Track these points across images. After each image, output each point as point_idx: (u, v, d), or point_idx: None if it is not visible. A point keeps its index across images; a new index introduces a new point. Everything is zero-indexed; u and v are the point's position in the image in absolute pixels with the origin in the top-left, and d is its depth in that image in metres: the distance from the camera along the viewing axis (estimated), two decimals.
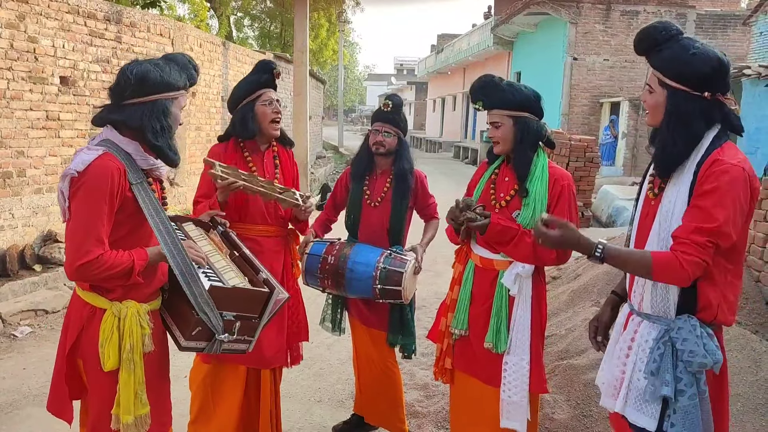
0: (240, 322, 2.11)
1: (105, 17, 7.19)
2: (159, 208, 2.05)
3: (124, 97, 2.03)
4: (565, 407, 3.44)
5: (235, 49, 11.93)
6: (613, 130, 17.18)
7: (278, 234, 3.05)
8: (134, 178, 2.02)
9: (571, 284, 5.33)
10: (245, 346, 2.21)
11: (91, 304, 2.06)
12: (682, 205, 1.88)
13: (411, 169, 3.26)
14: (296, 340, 3.15)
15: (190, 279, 1.97)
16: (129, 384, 2.02)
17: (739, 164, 1.83)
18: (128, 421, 2.02)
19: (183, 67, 2.15)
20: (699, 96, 1.87)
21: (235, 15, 25.94)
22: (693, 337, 1.86)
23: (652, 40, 1.95)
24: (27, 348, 4.81)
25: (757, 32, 15.05)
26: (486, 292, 2.61)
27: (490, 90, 2.56)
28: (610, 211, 10.46)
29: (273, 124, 2.99)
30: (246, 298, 2.14)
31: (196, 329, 2.03)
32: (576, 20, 17.85)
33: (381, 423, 3.45)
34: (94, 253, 1.92)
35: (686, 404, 1.87)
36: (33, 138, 6.20)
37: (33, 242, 6.24)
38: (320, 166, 18.89)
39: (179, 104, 2.13)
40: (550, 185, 2.54)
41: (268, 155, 3.08)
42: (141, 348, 2.04)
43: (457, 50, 29.73)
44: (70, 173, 1.94)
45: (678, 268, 1.81)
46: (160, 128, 2.04)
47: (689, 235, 1.81)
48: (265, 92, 2.98)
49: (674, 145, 1.89)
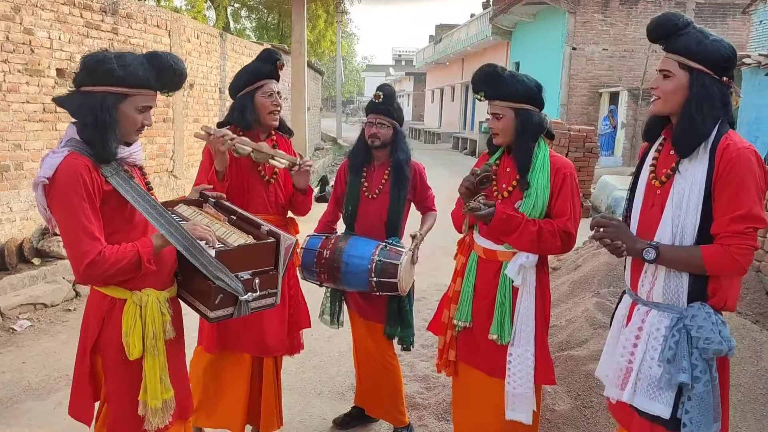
0: (258, 278, 2.15)
1: (101, 8, 7.14)
2: (143, 193, 2.04)
3: (76, 83, 2.00)
4: (565, 398, 3.44)
5: (233, 41, 11.86)
6: (612, 120, 17.16)
7: (278, 223, 3.03)
8: (107, 171, 1.98)
9: (572, 275, 5.32)
10: (272, 300, 2.24)
11: (110, 296, 2.06)
12: (700, 190, 1.92)
13: (408, 159, 3.24)
14: (297, 328, 3.15)
15: (195, 251, 1.99)
16: (155, 370, 2.06)
17: (750, 147, 1.90)
18: (156, 406, 2.07)
19: (158, 67, 2.02)
20: (719, 80, 1.93)
21: (233, 6, 25.80)
22: (708, 324, 1.90)
23: (672, 25, 1.98)
24: (26, 342, 4.80)
25: (757, 21, 14.99)
26: (489, 284, 2.59)
27: (492, 81, 2.53)
28: (610, 201, 10.45)
29: (271, 116, 2.98)
30: (255, 253, 2.17)
31: (218, 297, 2.06)
32: (575, 10, 17.78)
33: (381, 415, 3.45)
34: (94, 250, 1.90)
35: (701, 390, 1.90)
36: (30, 131, 6.16)
37: (31, 236, 6.22)
38: (319, 157, 18.84)
39: (134, 104, 2.00)
40: (552, 174, 2.52)
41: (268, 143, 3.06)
42: (163, 334, 2.08)
43: (456, 40, 29.64)
44: (41, 181, 1.91)
45: (731, 261, 1.88)
46: (92, 122, 1.93)
47: (728, 227, 1.88)
48: (267, 83, 2.96)
49: (703, 125, 1.93)
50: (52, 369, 4.30)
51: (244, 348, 2.96)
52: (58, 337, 4.93)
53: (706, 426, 1.91)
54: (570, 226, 2.49)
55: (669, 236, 1.98)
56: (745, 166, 1.86)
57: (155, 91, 2.06)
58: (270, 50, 3.03)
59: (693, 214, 1.93)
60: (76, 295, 5.81)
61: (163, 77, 2.04)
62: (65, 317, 5.36)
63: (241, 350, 2.97)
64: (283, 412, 3.25)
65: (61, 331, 5.06)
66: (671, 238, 1.97)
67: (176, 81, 2.08)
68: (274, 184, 3.03)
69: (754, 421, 3.18)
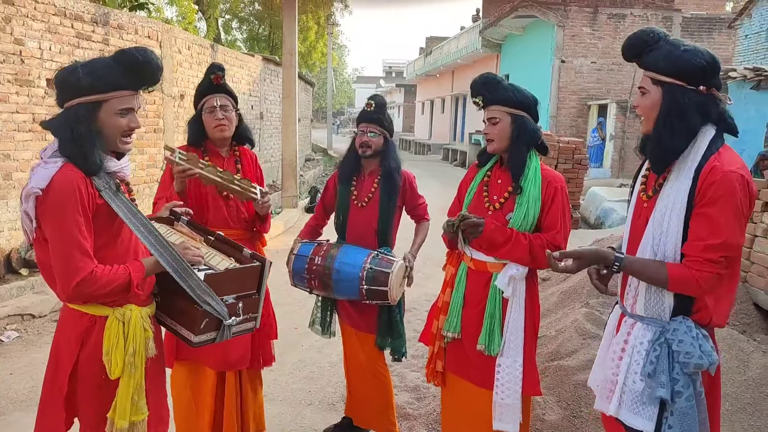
0: (242, 302, 2.12)
1: (92, 19, 7.14)
2: (135, 210, 1.99)
3: (58, 103, 1.95)
4: (555, 408, 3.45)
5: (224, 52, 11.89)
6: (600, 132, 17.29)
7: (242, 237, 3.01)
8: (101, 184, 1.92)
9: (561, 285, 5.35)
10: (252, 324, 2.22)
11: (89, 314, 1.97)
12: (680, 210, 1.89)
13: (398, 168, 3.26)
14: (267, 339, 3.14)
15: (185, 274, 1.95)
16: (128, 388, 1.98)
17: (738, 170, 1.83)
18: (123, 426, 1.97)
19: (126, 64, 1.92)
20: (694, 90, 1.89)
21: (224, 17, 25.86)
22: (689, 338, 1.87)
23: (642, 43, 1.98)
24: (14, 353, 4.75)
25: (743, 35, 15.21)
26: (479, 295, 2.61)
27: (491, 86, 2.56)
28: (598, 212, 10.53)
29: (217, 130, 2.98)
30: (241, 277, 2.14)
31: (204, 321, 2.02)
32: (563, 23, 17.96)
33: (372, 425, 3.44)
34: (86, 268, 1.84)
35: (683, 406, 1.87)
36: (19, 141, 6.14)
37: (19, 246, 6.17)
38: (309, 168, 18.85)
39: (111, 108, 1.92)
40: (544, 187, 2.54)
41: (230, 160, 3.08)
42: (144, 352, 2.01)
43: (446, 53, 29.81)
44: (34, 192, 1.82)
45: (695, 285, 1.86)
46: (69, 136, 1.86)
47: (701, 253, 1.84)
48: (208, 99, 2.98)
49: (671, 138, 1.90)
50: (40, 380, 4.20)
51: (206, 362, 2.92)
52: (45, 348, 4.88)
53: None
54: (559, 239, 2.51)
55: (650, 253, 1.96)
56: (727, 190, 1.80)
57: (132, 90, 1.96)
58: (212, 64, 3.05)
59: (674, 234, 1.90)
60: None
61: (135, 73, 1.94)
62: (53, 328, 5.28)
63: (204, 365, 2.93)
64: (273, 422, 3.24)
65: (49, 342, 4.97)
66: (652, 255, 1.96)
67: (149, 73, 1.96)
68: (233, 198, 3.01)
69: (741, 431, 3.20)
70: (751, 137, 10.52)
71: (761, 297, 4.35)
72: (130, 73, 1.93)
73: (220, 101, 2.96)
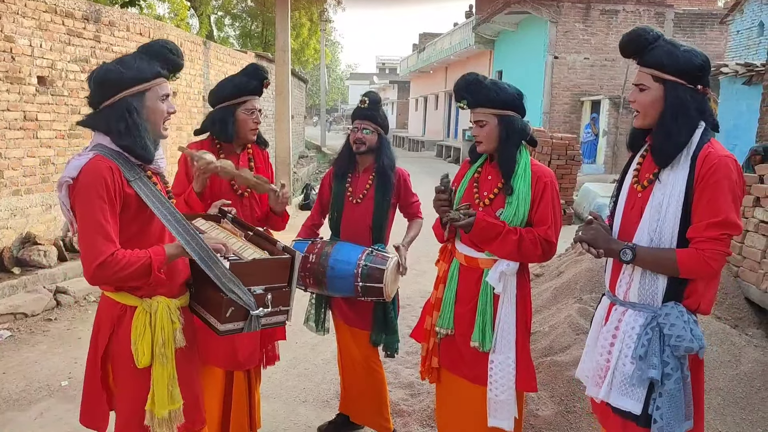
0: (271, 294, 2.12)
1: (83, 16, 7.10)
2: (164, 199, 2.05)
3: (94, 103, 2.03)
4: (549, 404, 3.46)
5: (216, 49, 11.84)
6: (594, 128, 17.34)
7: None
8: (131, 175, 2.00)
9: (554, 281, 5.36)
10: (283, 317, 2.22)
11: (121, 303, 2.06)
12: (680, 196, 1.98)
13: (392, 165, 3.26)
14: (272, 339, 3.14)
15: (210, 261, 1.98)
16: (163, 378, 2.04)
17: (730, 155, 1.98)
18: (163, 416, 2.04)
19: (154, 55, 2.07)
20: (693, 89, 2.00)
21: (216, 14, 25.75)
22: (680, 322, 1.96)
23: (642, 41, 2.06)
24: (6, 352, 4.73)
25: (734, 31, 15.27)
26: (471, 291, 2.61)
27: (474, 89, 2.55)
28: (592, 208, 10.54)
29: (251, 132, 2.98)
30: (270, 269, 2.15)
31: (229, 310, 2.04)
32: (556, 19, 17.98)
33: (366, 422, 3.45)
34: (107, 251, 1.90)
35: (672, 388, 1.96)
36: (10, 139, 6.10)
37: (11, 245, 6.14)
38: (303, 165, 18.83)
39: (155, 94, 2.06)
40: (533, 183, 2.54)
41: (243, 157, 3.06)
42: (173, 343, 2.06)
43: (439, 49, 29.80)
44: (65, 181, 1.95)
45: (704, 265, 1.94)
46: (125, 128, 1.98)
47: (703, 232, 1.95)
48: (250, 100, 2.94)
49: (679, 134, 2.00)
50: (33, 379, 4.25)
51: (215, 362, 2.91)
52: (38, 347, 4.87)
53: (677, 422, 1.96)
54: (551, 234, 2.52)
55: (646, 241, 2.04)
56: (724, 173, 1.93)
57: (165, 77, 2.10)
58: (257, 66, 3.01)
59: (671, 220, 2.00)
60: (57, 304, 5.74)
61: (167, 60, 2.09)
62: (46, 327, 5.29)
63: (212, 364, 2.91)
64: (268, 420, 3.24)
65: (42, 341, 5.00)
66: (648, 243, 2.04)
67: (176, 60, 2.13)
68: (248, 197, 3.01)
69: (733, 425, 3.22)
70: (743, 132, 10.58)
71: (753, 291, 4.37)
72: (163, 61, 2.09)
73: (259, 105, 2.97)
